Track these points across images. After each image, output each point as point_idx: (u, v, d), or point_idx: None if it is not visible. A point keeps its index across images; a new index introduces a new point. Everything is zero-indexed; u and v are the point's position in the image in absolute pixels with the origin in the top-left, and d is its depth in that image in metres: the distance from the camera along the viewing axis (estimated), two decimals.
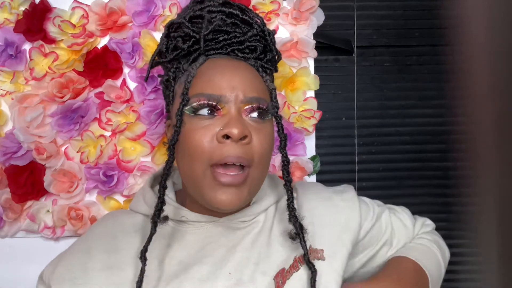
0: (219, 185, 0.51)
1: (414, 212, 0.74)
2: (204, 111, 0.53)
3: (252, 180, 0.53)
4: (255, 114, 0.54)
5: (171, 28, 0.59)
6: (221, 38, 0.56)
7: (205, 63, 0.55)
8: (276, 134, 0.57)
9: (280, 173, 0.91)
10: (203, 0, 0.59)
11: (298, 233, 0.54)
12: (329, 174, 1.00)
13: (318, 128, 0.97)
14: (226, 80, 0.53)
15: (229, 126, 0.51)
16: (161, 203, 0.53)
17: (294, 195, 0.63)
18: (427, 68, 1.03)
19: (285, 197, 0.57)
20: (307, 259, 0.53)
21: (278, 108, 0.56)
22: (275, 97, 0.56)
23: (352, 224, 0.62)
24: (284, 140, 0.55)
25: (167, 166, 0.53)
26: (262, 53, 0.59)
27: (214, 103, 0.52)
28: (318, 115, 0.94)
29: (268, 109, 0.55)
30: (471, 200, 1.02)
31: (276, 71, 0.66)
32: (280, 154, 0.57)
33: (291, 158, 0.93)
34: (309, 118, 0.93)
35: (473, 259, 1.03)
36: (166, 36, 0.59)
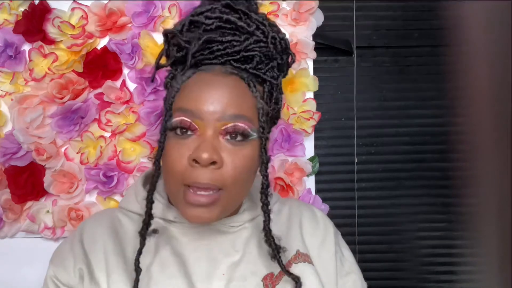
0: (189, 203, 0.51)
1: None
2: (181, 130, 0.52)
3: (227, 200, 0.52)
4: (231, 136, 0.52)
5: (168, 36, 0.57)
6: (215, 48, 0.53)
7: (193, 76, 0.54)
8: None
9: (279, 174, 0.92)
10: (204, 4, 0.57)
11: (274, 254, 0.54)
12: (328, 175, 1.00)
13: (318, 128, 0.97)
14: (205, 95, 0.51)
15: (199, 150, 0.50)
16: (148, 216, 0.54)
17: (286, 207, 0.65)
18: (426, 68, 1.03)
19: (274, 208, 0.58)
20: (287, 273, 0.54)
21: (264, 128, 0.53)
22: (262, 116, 0.53)
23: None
24: (265, 163, 0.53)
25: (153, 180, 0.53)
26: (261, 62, 0.55)
27: (189, 121, 0.51)
28: (317, 116, 0.94)
29: (248, 131, 0.52)
30: (470, 200, 1.01)
31: (287, 70, 0.62)
32: (280, 155, 0.57)
33: (290, 159, 0.94)
34: (308, 119, 0.94)
35: (473, 259, 1.02)
36: (166, 42, 0.58)
